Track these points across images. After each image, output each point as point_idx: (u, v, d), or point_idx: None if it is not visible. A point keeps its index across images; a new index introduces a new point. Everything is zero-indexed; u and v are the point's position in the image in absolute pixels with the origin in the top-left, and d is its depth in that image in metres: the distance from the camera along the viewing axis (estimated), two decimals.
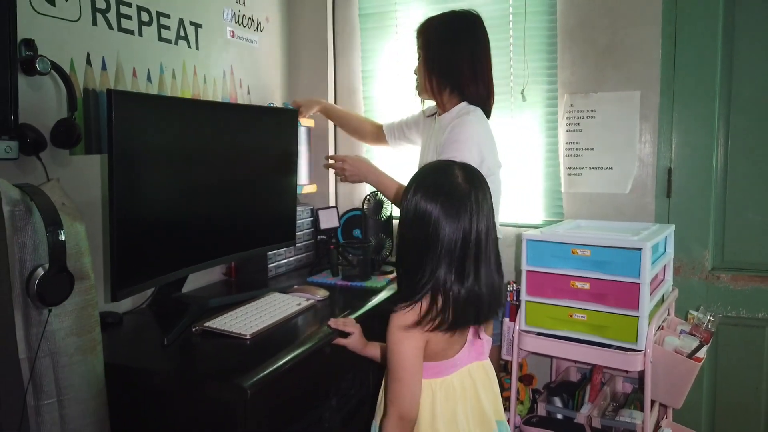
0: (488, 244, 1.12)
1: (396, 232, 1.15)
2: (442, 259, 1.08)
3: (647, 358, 1.51)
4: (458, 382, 1.15)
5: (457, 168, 1.15)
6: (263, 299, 1.63)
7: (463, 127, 1.68)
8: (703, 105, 1.98)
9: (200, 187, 1.54)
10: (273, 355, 1.27)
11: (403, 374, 1.09)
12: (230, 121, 1.65)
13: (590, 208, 2.11)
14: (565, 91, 2.11)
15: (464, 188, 1.11)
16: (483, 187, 1.14)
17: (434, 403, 1.13)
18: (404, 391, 1.08)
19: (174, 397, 1.20)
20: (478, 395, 1.17)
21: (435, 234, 1.07)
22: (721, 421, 2.04)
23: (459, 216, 1.08)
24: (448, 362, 1.15)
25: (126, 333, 1.47)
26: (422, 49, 1.80)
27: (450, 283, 1.08)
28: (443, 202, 1.08)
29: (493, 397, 1.21)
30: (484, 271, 1.11)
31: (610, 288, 1.53)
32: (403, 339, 1.09)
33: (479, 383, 1.18)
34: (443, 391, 1.14)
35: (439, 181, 1.12)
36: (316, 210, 2.18)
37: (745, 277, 1.98)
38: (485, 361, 1.22)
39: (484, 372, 1.21)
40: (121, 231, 1.26)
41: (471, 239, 1.09)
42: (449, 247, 1.08)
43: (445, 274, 1.08)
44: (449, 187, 1.11)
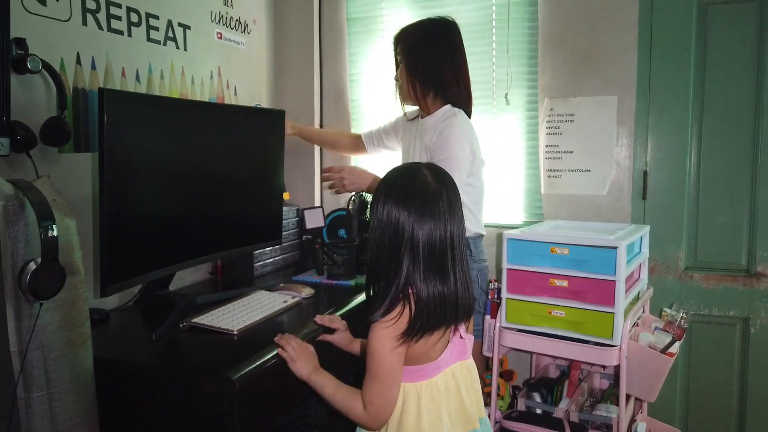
0: (461, 244, 1.14)
1: (368, 241, 1.16)
2: (416, 262, 1.09)
3: (622, 353, 1.56)
4: (442, 383, 1.16)
5: (425, 169, 1.15)
6: (250, 297, 1.66)
7: (453, 127, 1.74)
8: (678, 109, 2.05)
9: (188, 186, 1.56)
10: (260, 349, 1.29)
11: (384, 376, 1.10)
12: (218, 121, 1.67)
13: (569, 210, 2.17)
14: (545, 96, 2.17)
15: (435, 189, 1.12)
16: (453, 187, 1.16)
17: (420, 406, 1.13)
18: (385, 392, 1.10)
19: (163, 389, 1.22)
20: (461, 395, 1.18)
21: (408, 237, 1.08)
22: (693, 414, 2.11)
23: (433, 218, 1.09)
24: (432, 364, 1.15)
25: (113, 329, 1.48)
26: (403, 56, 1.84)
27: (428, 285, 1.09)
28: (416, 206, 1.09)
29: (475, 396, 1.22)
30: (460, 270, 1.13)
31: (588, 285, 1.59)
32: (383, 342, 1.09)
33: (462, 383, 1.19)
34: (428, 393, 1.14)
35: (409, 184, 1.13)
36: (302, 210, 2.20)
37: (717, 277, 2.05)
38: (468, 360, 1.23)
39: (467, 371, 1.22)
40: (111, 228, 1.28)
41: (447, 240, 1.10)
42: (426, 250, 1.09)
43: (423, 277, 1.09)
44: (420, 190, 1.11)
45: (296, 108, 2.42)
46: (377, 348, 1.10)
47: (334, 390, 1.18)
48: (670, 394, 2.08)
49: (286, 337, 1.30)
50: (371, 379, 1.11)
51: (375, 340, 1.10)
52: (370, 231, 1.14)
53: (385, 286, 1.12)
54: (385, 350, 1.09)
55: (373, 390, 1.11)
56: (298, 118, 2.43)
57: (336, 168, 1.91)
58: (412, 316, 1.09)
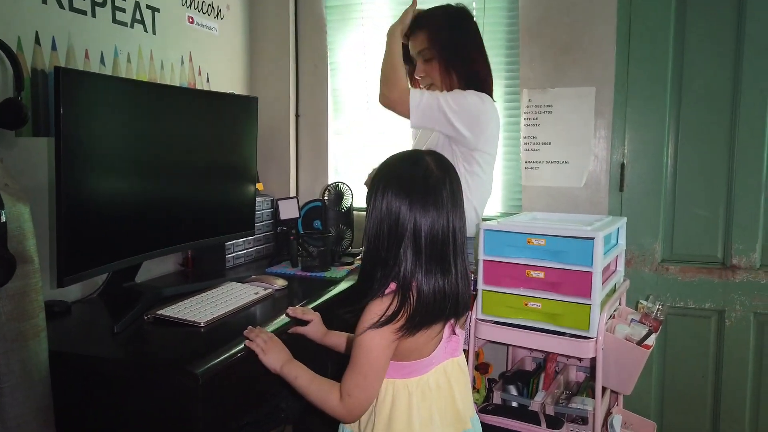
0: (463, 236, 1.09)
1: (365, 229, 1.11)
2: (418, 253, 1.04)
3: (599, 345, 1.55)
4: (434, 380, 1.12)
5: (427, 156, 1.10)
6: (219, 288, 1.61)
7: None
8: (655, 101, 2.04)
9: (154, 173, 1.51)
10: (227, 342, 1.25)
11: (368, 370, 1.05)
12: (188, 106, 1.62)
13: (546, 202, 2.15)
14: (524, 86, 2.14)
15: (438, 178, 1.07)
16: (456, 177, 1.10)
17: (410, 404, 1.09)
18: (366, 385, 1.06)
19: (124, 385, 1.17)
20: (453, 393, 1.14)
21: (411, 228, 1.04)
22: (669, 407, 2.11)
23: (436, 208, 1.05)
24: (424, 361, 1.10)
25: (74, 322, 1.42)
26: (432, 45, 1.71)
27: (429, 278, 1.05)
28: (419, 196, 1.04)
29: (466, 394, 1.18)
30: (461, 263, 1.08)
31: (564, 276, 1.57)
32: (374, 335, 1.04)
33: (454, 380, 1.15)
34: (419, 390, 1.10)
35: (411, 172, 1.07)
36: (276, 200, 2.15)
37: (693, 269, 2.05)
38: (460, 357, 1.18)
39: (459, 369, 1.18)
40: (68, 215, 1.23)
41: (449, 231, 1.06)
42: (428, 241, 1.04)
43: (425, 270, 1.04)
44: (423, 178, 1.06)
45: (271, 97, 2.37)
46: (366, 339, 1.04)
47: (308, 381, 1.13)
48: (646, 387, 2.09)
49: (256, 330, 1.25)
50: (354, 371, 1.06)
51: (363, 327, 1.05)
52: (368, 220, 1.09)
53: (382, 276, 1.06)
54: (374, 342, 1.04)
55: (354, 381, 1.06)
56: (273, 107, 2.38)
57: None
58: (413, 310, 1.04)
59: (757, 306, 1.99)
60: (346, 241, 2.19)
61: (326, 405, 1.09)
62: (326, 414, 1.11)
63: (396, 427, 1.09)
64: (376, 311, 1.04)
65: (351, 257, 2.10)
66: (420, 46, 1.73)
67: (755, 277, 1.98)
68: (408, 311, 1.04)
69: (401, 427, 1.08)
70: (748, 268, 1.99)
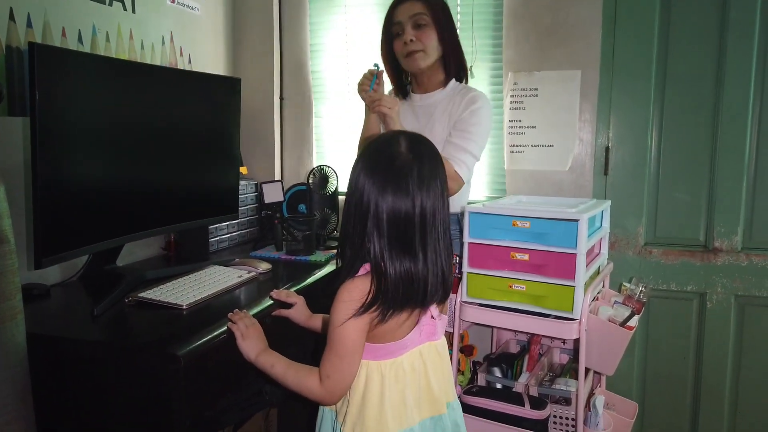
0: (436, 222, 1.06)
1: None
2: (381, 236, 1.03)
3: (582, 326, 1.56)
4: (408, 363, 1.11)
5: (402, 139, 1.08)
6: (202, 272, 1.59)
7: (485, 103, 1.75)
8: (640, 85, 2.05)
9: (134, 154, 1.48)
10: (210, 325, 1.23)
11: (344, 351, 1.05)
12: (169, 86, 1.59)
13: (531, 186, 2.15)
14: (509, 69, 2.13)
15: (405, 161, 1.04)
16: (430, 161, 1.07)
17: (383, 386, 1.09)
18: (343, 366, 1.06)
19: (104, 367, 1.15)
20: (428, 377, 1.13)
21: (373, 209, 1.03)
22: (650, 388, 2.14)
23: (398, 191, 1.02)
24: (398, 343, 1.10)
25: (53, 304, 1.40)
26: (430, 11, 1.68)
27: (394, 262, 1.03)
28: (381, 176, 1.03)
29: (443, 378, 1.16)
30: (432, 251, 1.06)
31: (548, 259, 1.57)
32: (346, 315, 1.04)
33: (430, 364, 1.13)
34: (393, 372, 1.09)
35: (381, 153, 1.07)
36: (261, 184, 2.13)
37: (675, 252, 2.07)
38: (438, 341, 1.17)
39: (436, 352, 1.16)
40: (45, 195, 1.20)
41: (415, 216, 1.03)
42: (389, 224, 1.02)
43: (389, 253, 1.03)
44: (388, 160, 1.05)
45: (255, 78, 2.34)
46: (338, 321, 1.04)
47: (285, 368, 1.13)
48: (628, 368, 2.11)
49: (240, 313, 1.24)
50: (330, 352, 1.06)
51: (337, 312, 1.05)
52: (346, 195, 1.09)
53: (351, 255, 1.07)
54: (348, 324, 1.04)
55: (331, 363, 1.06)
56: (257, 89, 2.35)
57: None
58: (378, 293, 1.03)
59: (737, 288, 2.01)
60: (331, 225, 2.17)
61: (305, 389, 1.09)
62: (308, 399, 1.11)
63: (369, 408, 1.08)
64: (348, 290, 1.05)
65: (336, 241, 2.09)
66: (416, 9, 1.67)
67: (736, 259, 2.01)
68: (374, 293, 1.03)
69: (374, 408, 1.08)
70: (730, 250, 2.01)
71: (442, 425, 1.14)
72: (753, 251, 2.00)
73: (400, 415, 1.09)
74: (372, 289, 1.04)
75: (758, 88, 1.95)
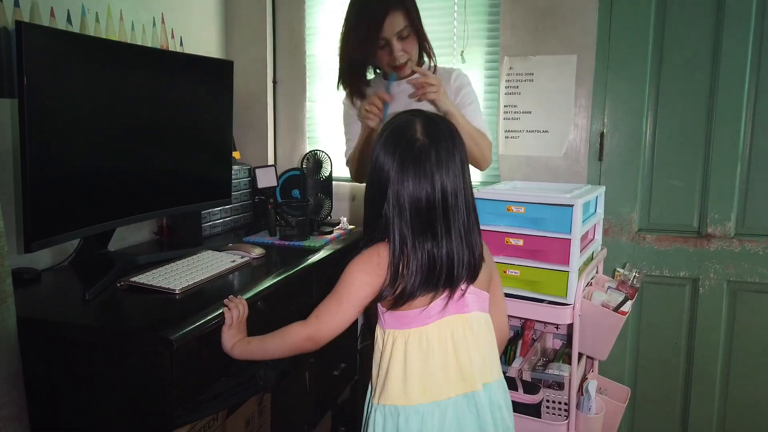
0: (458, 202, 1.05)
1: None
2: (403, 220, 1.03)
3: (576, 311, 1.56)
4: (434, 334, 1.08)
5: (418, 120, 1.07)
6: (195, 256, 1.58)
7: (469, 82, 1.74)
8: (636, 71, 2.03)
9: (124, 137, 1.46)
10: (203, 309, 1.23)
11: (346, 299, 1.08)
12: (160, 68, 1.56)
13: (526, 171, 2.14)
14: (505, 54, 2.12)
15: (423, 143, 1.04)
16: (448, 141, 1.06)
17: (406, 354, 1.07)
18: (336, 311, 1.09)
19: (95, 351, 1.14)
20: (458, 351, 1.09)
21: (393, 195, 1.03)
22: (642, 373, 2.16)
23: (418, 176, 1.02)
24: (420, 311, 1.07)
25: (45, 289, 1.39)
26: (411, 22, 1.61)
27: (413, 250, 1.03)
28: (399, 157, 1.03)
29: (479, 355, 1.11)
30: (456, 232, 1.05)
31: (543, 244, 1.57)
32: (360, 268, 1.07)
33: (460, 338, 1.09)
34: (416, 342, 1.08)
35: (399, 133, 1.06)
36: (254, 169, 2.11)
37: (668, 238, 2.07)
38: (470, 314, 1.11)
39: (467, 325, 1.11)
40: (34, 178, 1.18)
41: (436, 201, 1.03)
42: (411, 210, 1.02)
43: (408, 239, 1.03)
44: (407, 141, 1.04)
45: (248, 61, 2.31)
46: (351, 270, 1.08)
47: (261, 338, 1.17)
48: (621, 353, 2.12)
49: (236, 300, 1.24)
50: (332, 296, 1.09)
51: (351, 263, 1.09)
52: (366, 181, 1.11)
53: (373, 227, 1.08)
54: (358, 275, 1.07)
55: (328, 305, 1.09)
56: (250, 71, 2.32)
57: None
58: (396, 277, 1.04)
59: (730, 274, 2.02)
60: (325, 210, 2.16)
61: (288, 339, 1.12)
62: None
63: (392, 377, 1.08)
64: (369, 251, 1.08)
65: (330, 226, 2.08)
66: (401, 24, 1.61)
67: (729, 245, 2.01)
68: (400, 281, 1.04)
69: (398, 378, 1.08)
70: (723, 236, 2.02)
71: (476, 403, 1.10)
72: (746, 237, 2.00)
73: (426, 387, 1.07)
74: (389, 273, 1.05)
75: (753, 74, 1.94)
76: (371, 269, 1.06)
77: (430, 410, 1.07)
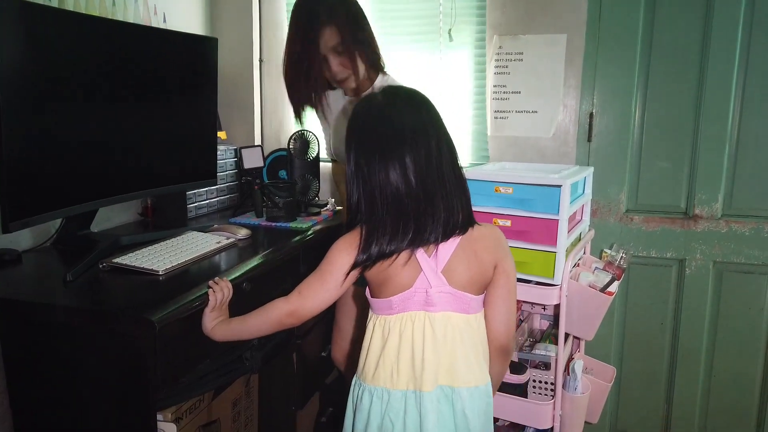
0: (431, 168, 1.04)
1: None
2: (363, 186, 1.06)
3: (563, 292, 1.56)
4: (397, 326, 1.09)
5: (379, 94, 1.11)
6: (179, 237, 1.56)
7: None
8: (626, 51, 2.02)
9: (107, 115, 1.43)
10: (187, 290, 1.21)
11: (329, 277, 1.09)
12: (143, 45, 1.52)
13: (515, 152, 2.13)
14: (494, 33, 2.09)
15: (386, 114, 1.06)
16: (409, 107, 1.07)
17: (372, 337, 1.12)
18: (317, 288, 1.10)
19: (76, 334, 1.13)
20: (413, 346, 1.08)
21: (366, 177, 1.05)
22: (628, 353, 2.18)
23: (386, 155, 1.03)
24: (384, 301, 1.09)
25: (25, 270, 1.36)
26: (344, 36, 1.55)
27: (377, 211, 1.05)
28: (357, 139, 1.07)
29: (437, 356, 1.08)
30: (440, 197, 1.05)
31: (531, 225, 1.56)
32: (342, 247, 1.09)
33: (417, 334, 1.08)
34: (380, 328, 1.11)
35: (364, 107, 1.10)
36: (240, 149, 2.09)
37: (656, 219, 2.08)
38: (436, 313, 1.09)
39: (429, 324, 1.09)
40: (12, 155, 1.15)
41: (411, 183, 1.03)
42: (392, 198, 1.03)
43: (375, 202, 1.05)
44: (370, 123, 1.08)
45: (233, 39, 2.27)
46: (331, 251, 1.10)
47: (241, 318, 1.17)
48: (607, 334, 2.14)
49: (222, 283, 1.22)
50: (315, 275, 1.12)
51: (333, 245, 1.11)
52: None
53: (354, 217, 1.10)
54: (340, 254, 1.09)
55: (309, 283, 1.11)
56: (236, 51, 2.28)
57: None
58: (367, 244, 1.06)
59: (716, 255, 2.03)
60: (313, 191, 2.14)
61: (272, 315, 1.13)
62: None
63: (369, 358, 1.13)
64: (349, 235, 1.10)
65: (317, 208, 2.06)
66: (333, 40, 1.55)
67: (716, 226, 2.02)
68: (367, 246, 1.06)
69: (373, 359, 1.12)
70: (710, 217, 2.02)
71: (421, 404, 1.08)
72: (733, 218, 2.01)
73: (379, 372, 1.11)
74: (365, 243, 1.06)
75: (743, 56, 1.93)
76: (353, 249, 1.07)
77: (380, 394, 1.11)
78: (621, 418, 2.22)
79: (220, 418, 1.54)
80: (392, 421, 1.09)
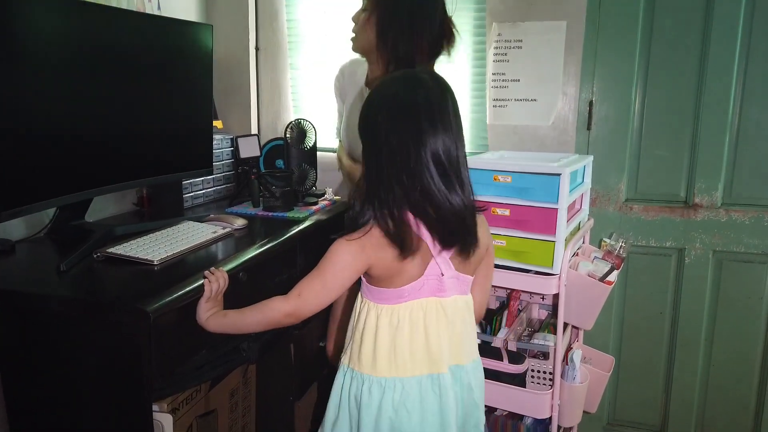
0: (452, 164, 1.04)
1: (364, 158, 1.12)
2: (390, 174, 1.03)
3: (562, 281, 1.55)
4: (405, 314, 1.09)
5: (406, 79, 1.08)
6: (175, 227, 1.54)
7: None
8: (626, 38, 2.00)
9: (100, 103, 1.41)
10: (183, 280, 1.20)
11: (331, 278, 1.07)
12: (136, 31, 1.50)
13: (514, 141, 2.11)
14: (493, 20, 2.06)
15: (411, 97, 1.03)
16: (437, 94, 1.05)
17: (377, 329, 1.10)
18: (318, 289, 1.07)
19: (70, 324, 1.12)
20: (427, 332, 1.10)
21: (384, 146, 1.03)
22: (627, 342, 2.17)
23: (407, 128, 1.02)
24: (396, 291, 1.08)
25: (18, 260, 1.35)
26: (376, 4, 1.53)
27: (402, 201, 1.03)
28: (389, 111, 1.04)
29: (450, 338, 1.12)
30: (450, 192, 1.04)
31: (530, 214, 1.55)
32: (344, 246, 1.06)
33: (432, 321, 1.10)
34: (387, 318, 1.09)
35: (390, 89, 1.07)
36: (236, 138, 2.06)
37: (655, 208, 2.06)
38: (446, 298, 1.11)
39: (441, 310, 1.11)
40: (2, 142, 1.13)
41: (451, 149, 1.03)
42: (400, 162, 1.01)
43: (434, 189, 1.02)
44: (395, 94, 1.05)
45: (229, 28, 2.24)
46: (335, 248, 1.07)
47: (238, 312, 1.14)
48: (606, 323, 2.13)
49: (218, 273, 1.20)
50: (316, 275, 1.08)
51: (337, 244, 1.07)
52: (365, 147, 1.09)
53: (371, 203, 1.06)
54: (343, 254, 1.06)
55: (310, 283, 1.08)
56: (231, 38, 2.25)
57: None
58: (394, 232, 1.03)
59: (716, 244, 2.02)
60: (310, 180, 2.12)
61: (267, 312, 1.11)
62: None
63: (365, 347, 1.11)
64: (355, 237, 1.06)
65: (315, 197, 2.04)
66: (363, 5, 1.55)
67: (716, 215, 2.01)
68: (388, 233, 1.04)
69: (369, 349, 1.10)
70: (710, 206, 2.01)
71: (439, 385, 1.11)
72: (732, 207, 2.00)
73: (391, 363, 1.09)
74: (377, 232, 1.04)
75: (744, 44, 1.91)
76: (358, 253, 1.05)
77: (392, 385, 1.09)
78: (619, 408, 2.22)
79: (217, 409, 1.53)
80: (408, 410, 1.09)
